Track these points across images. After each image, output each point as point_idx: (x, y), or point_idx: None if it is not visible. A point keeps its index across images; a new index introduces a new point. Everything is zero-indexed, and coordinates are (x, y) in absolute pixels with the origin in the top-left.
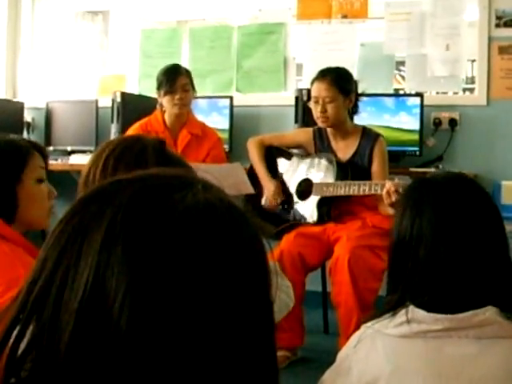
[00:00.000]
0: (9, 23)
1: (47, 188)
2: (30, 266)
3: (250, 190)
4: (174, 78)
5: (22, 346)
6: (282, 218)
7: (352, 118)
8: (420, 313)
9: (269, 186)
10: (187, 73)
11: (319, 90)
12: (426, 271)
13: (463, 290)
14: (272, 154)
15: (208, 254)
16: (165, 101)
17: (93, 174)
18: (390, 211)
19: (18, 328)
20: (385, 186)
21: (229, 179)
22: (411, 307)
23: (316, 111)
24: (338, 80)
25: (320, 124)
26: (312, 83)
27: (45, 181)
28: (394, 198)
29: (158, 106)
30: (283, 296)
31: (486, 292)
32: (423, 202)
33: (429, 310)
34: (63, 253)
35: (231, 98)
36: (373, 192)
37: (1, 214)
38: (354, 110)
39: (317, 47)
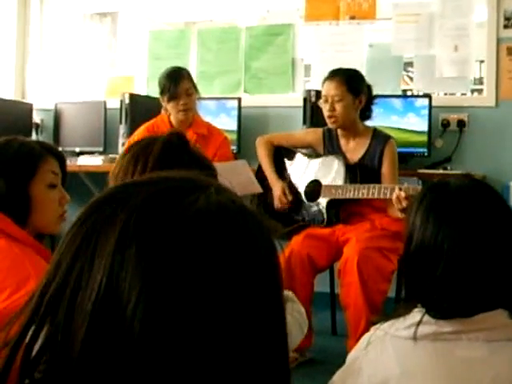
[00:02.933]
0: (18, 25)
1: (59, 194)
2: (40, 266)
3: (258, 189)
4: (177, 83)
5: (36, 347)
6: (291, 219)
7: (363, 121)
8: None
9: (275, 188)
10: (189, 76)
11: (328, 88)
12: (445, 282)
13: (475, 294)
14: (280, 154)
15: (221, 256)
16: (169, 106)
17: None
18: (400, 215)
19: (32, 329)
20: (394, 191)
21: (235, 177)
22: (422, 309)
23: (325, 110)
24: (348, 80)
25: (330, 125)
26: (323, 83)
27: (58, 186)
28: (404, 204)
29: (162, 111)
30: (296, 324)
31: (496, 295)
32: (446, 215)
33: (440, 313)
34: (77, 255)
35: (239, 100)
36: (382, 196)
37: (14, 216)
38: (367, 114)
39: (325, 48)
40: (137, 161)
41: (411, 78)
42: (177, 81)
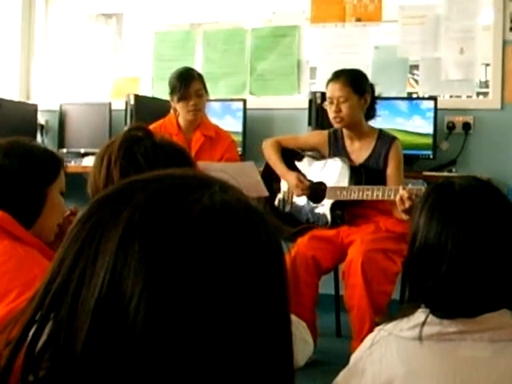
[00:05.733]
0: (23, 26)
1: (63, 202)
2: (45, 267)
3: (264, 192)
4: (188, 83)
5: (40, 344)
6: (296, 221)
7: (368, 121)
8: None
9: (289, 178)
10: (200, 77)
11: (333, 90)
12: (449, 282)
13: (479, 294)
14: (286, 156)
15: (225, 254)
16: (179, 107)
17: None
18: (404, 217)
19: (35, 326)
20: (398, 192)
21: (242, 178)
22: (426, 310)
23: (331, 111)
24: (352, 80)
25: (335, 125)
26: (327, 84)
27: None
28: (407, 205)
29: (171, 111)
30: (302, 345)
31: (500, 295)
32: (450, 214)
33: (444, 312)
34: (80, 252)
35: (245, 101)
36: (386, 197)
37: (22, 216)
38: (371, 114)
39: (330, 50)
40: (102, 161)
41: (417, 81)
42: (187, 81)
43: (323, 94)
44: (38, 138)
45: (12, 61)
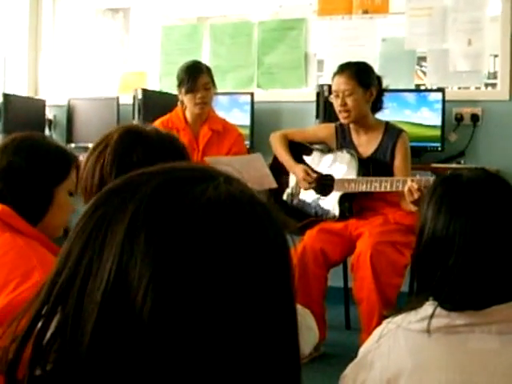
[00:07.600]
0: (30, 21)
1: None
2: (46, 258)
3: (273, 183)
4: (196, 76)
5: (47, 336)
6: (304, 214)
7: (375, 113)
8: (443, 308)
9: (296, 171)
10: (208, 70)
11: (339, 83)
12: (457, 274)
13: (487, 286)
14: (294, 149)
15: (230, 246)
16: (186, 99)
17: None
18: (413, 208)
19: (42, 319)
20: (406, 183)
21: (250, 172)
22: (434, 302)
23: (336, 105)
24: (357, 73)
25: (342, 120)
26: (333, 78)
27: (73, 195)
28: (416, 196)
29: (178, 104)
30: (307, 333)
31: (508, 287)
32: (458, 206)
33: (452, 305)
34: (87, 244)
35: (252, 94)
36: (394, 189)
37: (29, 214)
38: (378, 106)
39: (338, 43)
40: (95, 165)
41: (425, 73)
42: (195, 74)
43: (331, 87)
44: (46, 133)
45: (20, 56)
